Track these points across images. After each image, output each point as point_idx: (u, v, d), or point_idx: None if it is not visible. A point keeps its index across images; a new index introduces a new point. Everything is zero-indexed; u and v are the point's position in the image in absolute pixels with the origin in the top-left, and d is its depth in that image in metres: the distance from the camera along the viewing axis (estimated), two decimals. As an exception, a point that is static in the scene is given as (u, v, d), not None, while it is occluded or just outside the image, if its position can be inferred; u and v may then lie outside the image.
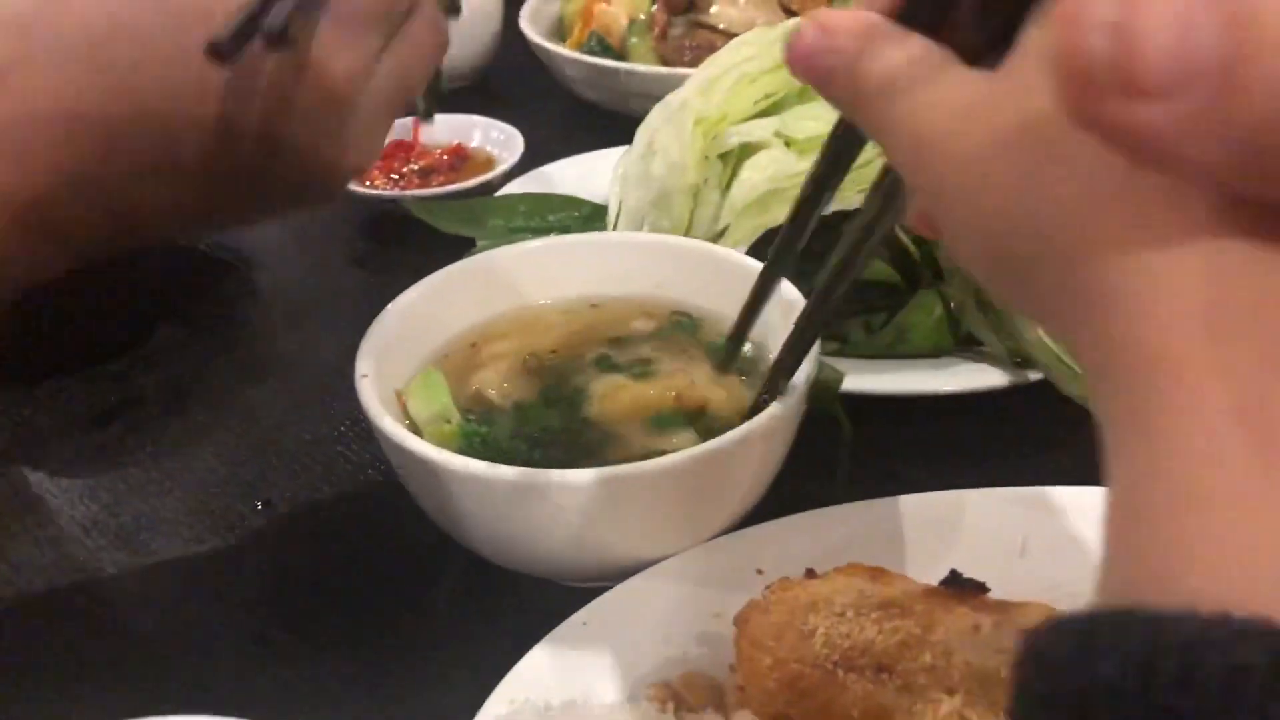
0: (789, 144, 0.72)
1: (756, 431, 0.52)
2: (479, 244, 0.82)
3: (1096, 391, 0.27)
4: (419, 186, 0.99)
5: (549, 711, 0.49)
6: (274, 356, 0.86)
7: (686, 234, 0.73)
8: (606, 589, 0.53)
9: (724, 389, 0.60)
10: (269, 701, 0.56)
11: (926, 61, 0.33)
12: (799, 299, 0.58)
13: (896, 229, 0.67)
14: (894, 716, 0.43)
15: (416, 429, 0.58)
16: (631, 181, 0.77)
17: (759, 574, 0.53)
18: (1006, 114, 0.30)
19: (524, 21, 1.22)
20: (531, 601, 0.58)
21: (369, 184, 0.99)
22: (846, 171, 0.44)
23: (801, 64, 0.36)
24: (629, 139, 0.80)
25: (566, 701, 0.49)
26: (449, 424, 0.58)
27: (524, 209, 0.88)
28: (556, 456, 0.57)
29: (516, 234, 0.85)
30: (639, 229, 0.76)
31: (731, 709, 0.49)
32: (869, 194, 0.44)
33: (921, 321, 0.71)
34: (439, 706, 0.55)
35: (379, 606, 0.61)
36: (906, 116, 0.33)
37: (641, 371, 0.62)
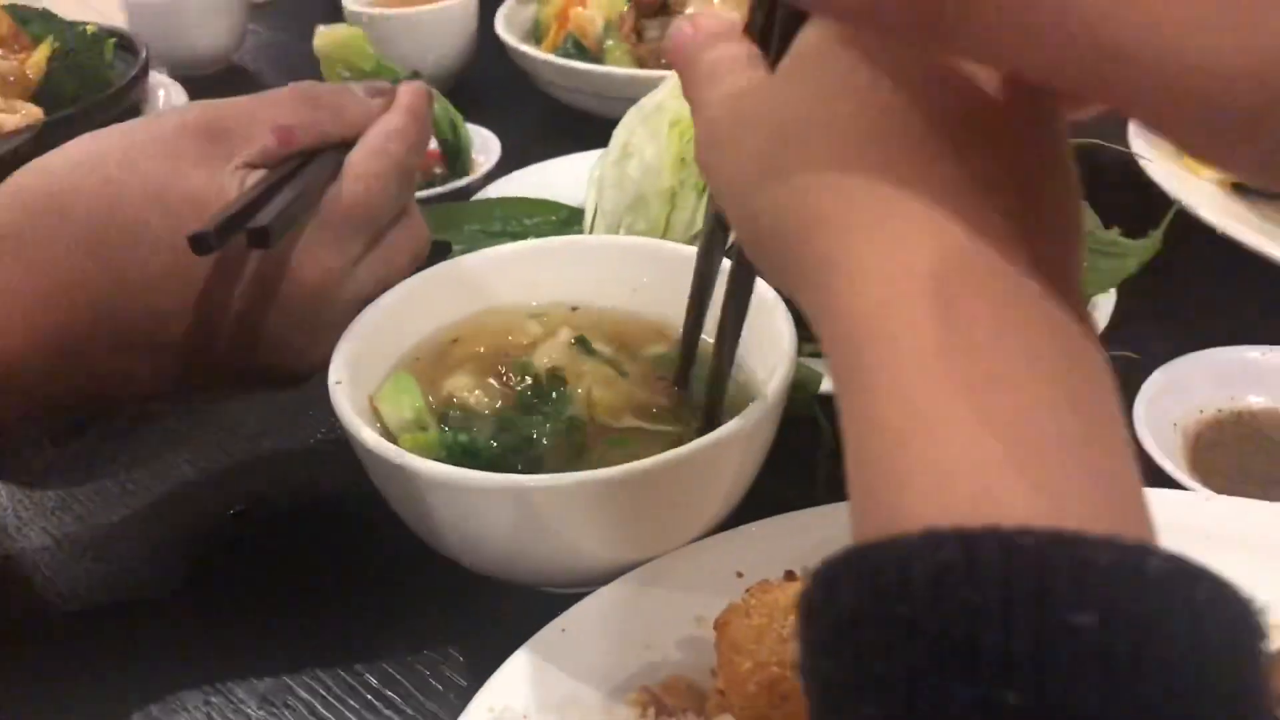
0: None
1: (735, 434, 0.52)
2: (455, 249, 0.82)
3: (828, 358, 0.31)
4: (395, 191, 0.99)
5: (529, 719, 0.49)
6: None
7: (663, 237, 0.73)
8: (586, 594, 0.53)
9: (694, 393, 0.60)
10: (245, 713, 0.56)
11: (739, 59, 0.40)
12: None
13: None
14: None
15: (390, 434, 0.58)
16: (608, 185, 0.77)
17: (739, 577, 0.53)
18: (763, 103, 0.36)
19: (499, 24, 1.21)
20: (510, 608, 0.58)
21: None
22: None
23: (673, 52, 0.42)
24: (606, 142, 0.80)
25: (547, 708, 0.49)
26: (423, 430, 0.58)
27: (500, 213, 0.88)
28: (533, 461, 0.57)
29: (493, 238, 0.84)
30: (616, 232, 0.76)
31: (713, 713, 0.48)
32: None
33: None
34: (419, 715, 0.55)
35: (357, 616, 0.61)
36: (712, 100, 0.39)
37: (619, 372, 0.62)
